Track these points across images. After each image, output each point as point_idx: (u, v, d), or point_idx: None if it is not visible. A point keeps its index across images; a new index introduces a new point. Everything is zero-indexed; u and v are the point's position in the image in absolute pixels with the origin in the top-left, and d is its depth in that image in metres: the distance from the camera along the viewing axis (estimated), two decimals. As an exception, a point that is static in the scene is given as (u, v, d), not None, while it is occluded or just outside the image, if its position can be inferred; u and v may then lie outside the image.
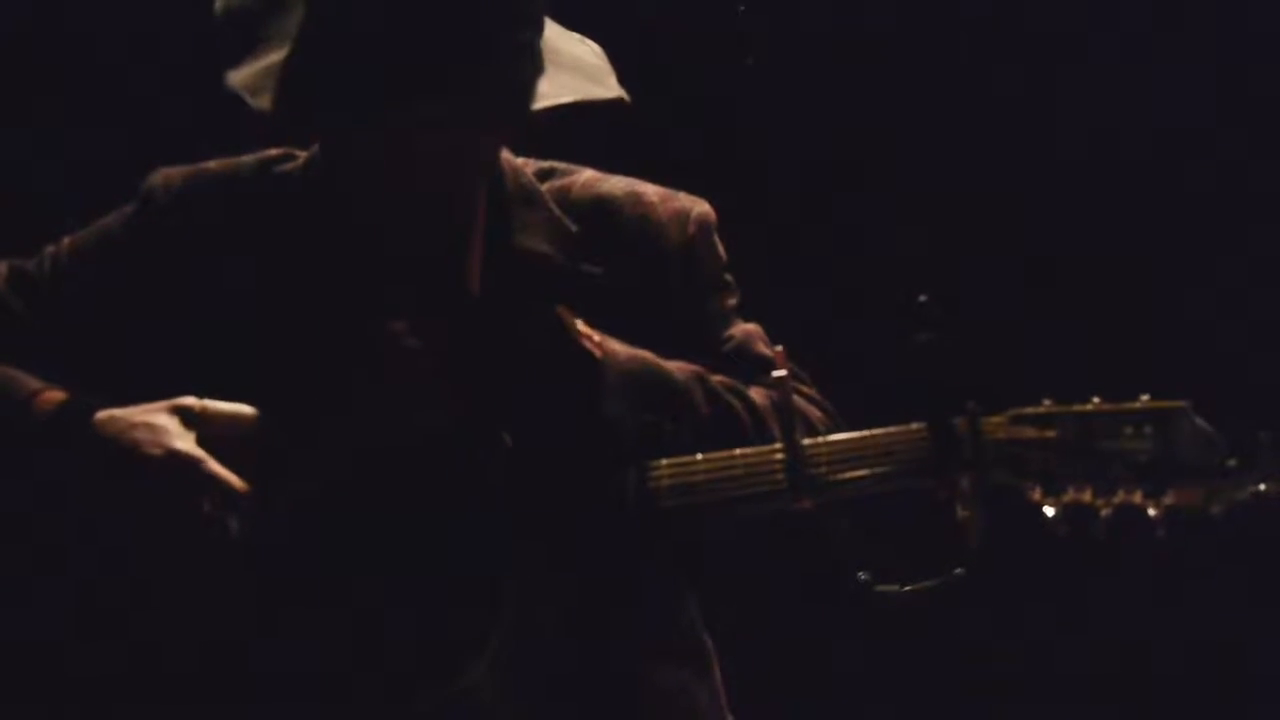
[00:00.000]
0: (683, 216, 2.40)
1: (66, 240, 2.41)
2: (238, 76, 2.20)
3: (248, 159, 2.42)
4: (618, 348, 2.23)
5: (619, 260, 2.35)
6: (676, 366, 2.26)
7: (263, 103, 2.17)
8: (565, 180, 2.43)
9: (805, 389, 2.32)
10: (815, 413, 2.30)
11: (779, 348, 2.19)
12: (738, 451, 2.18)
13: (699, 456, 2.19)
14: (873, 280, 3.59)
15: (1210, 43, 3.88)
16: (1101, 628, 3.92)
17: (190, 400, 2.22)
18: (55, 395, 2.26)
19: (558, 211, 2.38)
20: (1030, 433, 2.11)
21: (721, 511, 2.19)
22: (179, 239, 2.35)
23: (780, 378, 2.16)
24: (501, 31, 2.19)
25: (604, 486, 2.18)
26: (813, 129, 3.70)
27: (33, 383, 2.27)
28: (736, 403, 2.26)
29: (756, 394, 2.28)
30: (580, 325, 2.21)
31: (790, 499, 2.15)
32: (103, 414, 2.23)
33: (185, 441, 2.20)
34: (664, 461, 2.19)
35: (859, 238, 3.70)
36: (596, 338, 2.21)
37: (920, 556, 2.15)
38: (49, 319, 2.35)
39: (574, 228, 2.37)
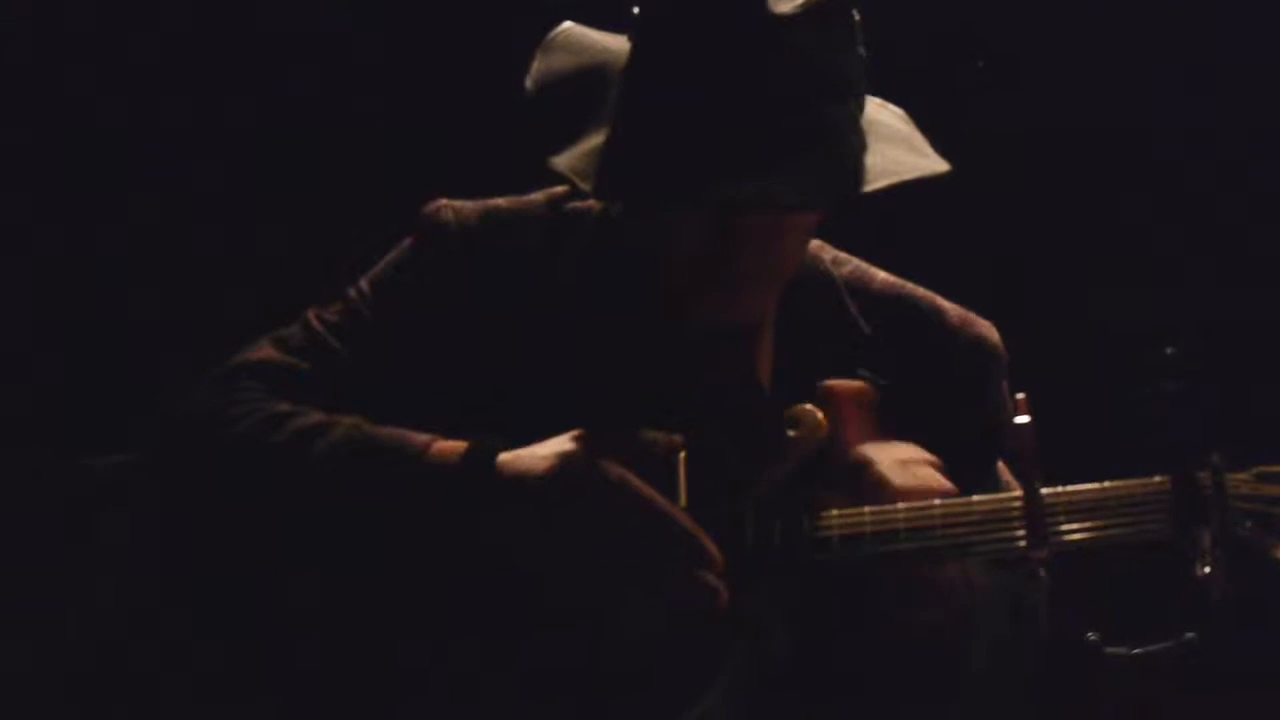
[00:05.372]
0: (982, 345, 2.38)
1: (364, 282, 2.34)
2: (563, 161, 2.15)
3: (537, 196, 2.37)
4: None
5: (909, 373, 2.30)
6: None
7: (588, 186, 2.13)
8: (863, 272, 2.39)
9: None
10: None
11: (1021, 395, 2.12)
12: (975, 498, 2.14)
13: (936, 502, 2.13)
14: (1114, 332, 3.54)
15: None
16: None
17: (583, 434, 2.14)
18: (449, 445, 2.16)
19: (852, 308, 2.34)
20: (1276, 490, 2.09)
21: (953, 555, 2.14)
22: (474, 278, 2.30)
23: (1022, 424, 2.10)
24: (826, 106, 2.13)
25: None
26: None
27: (417, 436, 2.17)
28: None
29: None
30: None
31: (1027, 549, 2.10)
32: (506, 455, 2.14)
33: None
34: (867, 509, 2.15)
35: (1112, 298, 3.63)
36: None
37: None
38: (363, 362, 2.28)
39: (867, 330, 2.33)
